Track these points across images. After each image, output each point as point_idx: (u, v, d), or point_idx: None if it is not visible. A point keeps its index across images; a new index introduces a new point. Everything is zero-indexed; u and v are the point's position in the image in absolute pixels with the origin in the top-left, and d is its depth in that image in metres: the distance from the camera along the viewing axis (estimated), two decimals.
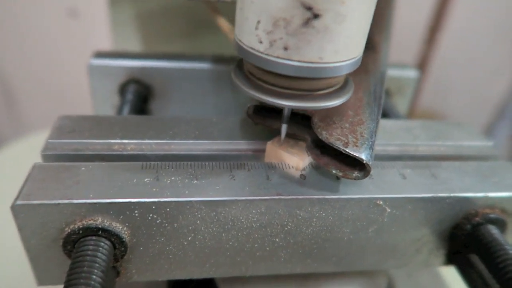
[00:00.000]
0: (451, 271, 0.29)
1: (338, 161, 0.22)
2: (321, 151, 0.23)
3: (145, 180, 0.21)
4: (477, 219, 0.24)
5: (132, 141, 0.24)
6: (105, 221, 0.20)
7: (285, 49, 0.18)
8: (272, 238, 0.23)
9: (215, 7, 0.26)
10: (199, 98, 0.36)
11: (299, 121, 0.24)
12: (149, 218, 0.21)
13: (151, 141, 0.24)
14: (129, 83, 0.34)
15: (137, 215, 0.20)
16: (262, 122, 0.25)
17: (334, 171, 0.22)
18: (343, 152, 0.21)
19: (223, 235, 0.22)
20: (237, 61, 0.23)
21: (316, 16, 0.17)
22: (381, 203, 0.23)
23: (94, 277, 0.18)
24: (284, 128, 0.23)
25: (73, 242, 0.20)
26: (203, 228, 0.21)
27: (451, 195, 0.23)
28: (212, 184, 0.22)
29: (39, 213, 0.19)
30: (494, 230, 0.24)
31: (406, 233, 0.24)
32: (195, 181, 0.22)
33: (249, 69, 0.21)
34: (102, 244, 0.20)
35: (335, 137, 0.21)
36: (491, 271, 0.23)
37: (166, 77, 0.34)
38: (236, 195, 0.21)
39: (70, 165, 0.22)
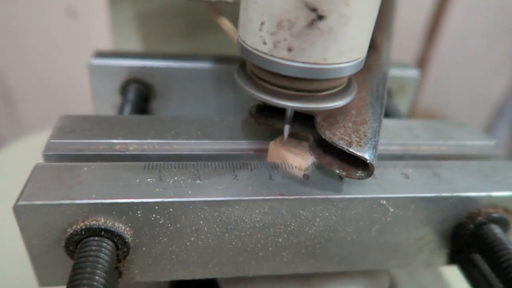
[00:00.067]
0: (453, 271, 0.29)
1: (341, 161, 0.22)
2: (324, 150, 0.23)
3: (148, 180, 0.21)
4: (480, 219, 0.24)
5: (134, 141, 0.24)
6: (108, 222, 0.20)
7: (289, 50, 0.18)
8: (275, 238, 0.23)
9: (216, 7, 0.26)
10: (200, 97, 0.36)
11: (302, 120, 0.24)
12: (152, 218, 0.20)
13: (153, 141, 0.24)
14: (130, 82, 0.34)
15: (140, 215, 0.20)
16: (264, 121, 0.25)
17: (337, 171, 0.22)
18: (347, 151, 0.21)
19: (226, 235, 0.22)
20: (240, 62, 0.23)
21: (320, 17, 0.17)
22: (384, 202, 0.23)
23: (97, 277, 0.18)
24: (286, 128, 0.23)
25: (76, 242, 0.20)
26: (206, 228, 0.21)
27: (454, 194, 0.23)
28: (215, 184, 0.21)
29: (41, 213, 0.19)
30: (497, 229, 0.24)
31: (409, 233, 0.24)
32: (198, 181, 0.21)
33: (252, 69, 0.21)
34: (104, 244, 0.20)
35: (338, 137, 0.21)
36: (494, 271, 0.23)
37: (167, 77, 0.34)
38: (239, 195, 0.21)
39: (72, 165, 0.21)
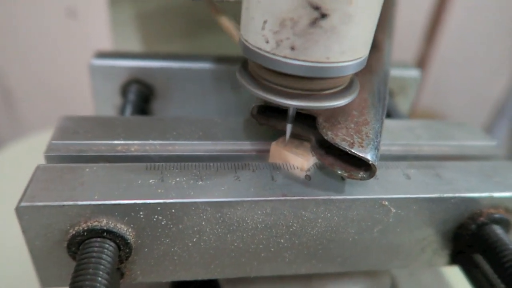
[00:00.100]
0: (454, 271, 0.29)
1: (343, 162, 0.22)
2: (326, 151, 0.23)
3: (150, 181, 0.21)
4: (481, 219, 0.24)
5: (135, 142, 0.24)
6: (110, 223, 0.20)
7: (292, 49, 0.18)
8: (277, 239, 0.23)
9: (217, 7, 0.26)
10: (200, 98, 0.36)
11: (304, 121, 0.24)
12: (154, 219, 0.20)
13: (154, 142, 0.24)
14: (130, 83, 0.34)
15: (142, 216, 0.20)
16: (266, 122, 0.25)
17: (339, 172, 0.22)
18: (349, 152, 0.21)
19: (228, 236, 0.22)
20: (242, 61, 0.23)
21: (323, 16, 0.17)
22: (386, 203, 0.23)
23: (99, 279, 0.18)
24: (289, 127, 0.23)
25: (78, 244, 0.20)
26: (208, 229, 0.21)
27: (456, 195, 0.23)
28: (217, 185, 0.21)
29: (44, 215, 0.19)
30: (498, 230, 0.24)
31: (410, 233, 0.24)
32: (200, 182, 0.21)
33: (254, 68, 0.21)
34: (107, 245, 0.20)
35: (340, 138, 0.21)
36: (496, 271, 0.23)
37: (167, 77, 0.34)
38: (241, 196, 0.21)
39: (74, 166, 0.21)
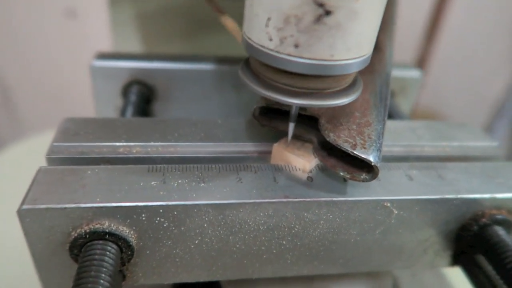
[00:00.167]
0: (455, 272, 0.29)
1: (345, 163, 0.22)
2: (328, 152, 0.23)
3: (152, 183, 0.21)
4: (484, 220, 0.24)
5: (137, 143, 0.24)
6: (112, 225, 0.20)
7: (296, 46, 0.17)
8: (279, 240, 0.23)
9: (219, 5, 0.26)
10: (202, 99, 0.36)
11: (306, 122, 0.24)
12: (156, 221, 0.20)
13: (156, 143, 0.24)
14: (131, 84, 0.34)
15: (144, 218, 0.20)
16: (268, 123, 0.25)
17: (341, 173, 0.22)
18: (351, 154, 0.21)
19: (230, 238, 0.22)
20: (244, 59, 0.23)
21: (328, 12, 0.16)
22: (388, 205, 0.22)
23: (101, 281, 0.18)
24: (291, 127, 0.23)
25: (80, 246, 0.20)
26: (210, 231, 0.21)
27: (458, 196, 0.23)
28: (219, 186, 0.21)
29: (46, 217, 0.19)
30: (501, 231, 0.24)
31: (412, 235, 0.24)
32: (202, 184, 0.21)
33: (256, 66, 0.21)
34: (109, 248, 0.20)
35: (343, 139, 0.21)
36: (499, 272, 0.23)
37: (169, 78, 0.34)
38: (243, 198, 0.21)
39: (76, 168, 0.21)
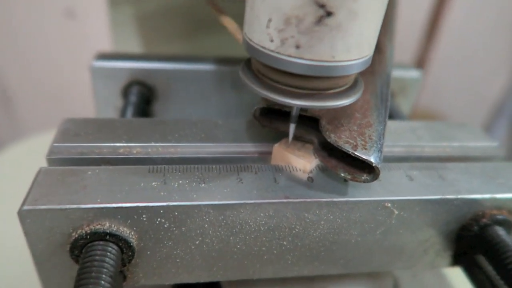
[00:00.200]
0: (456, 272, 0.29)
1: (346, 164, 0.22)
2: (329, 153, 0.23)
3: (153, 184, 0.21)
4: (484, 221, 0.24)
5: (137, 144, 0.24)
6: (113, 226, 0.20)
7: (297, 47, 0.17)
8: (279, 241, 0.23)
9: (219, 6, 0.26)
10: (202, 99, 0.36)
11: (307, 123, 0.24)
12: (157, 222, 0.20)
13: (157, 144, 0.24)
14: (131, 84, 0.34)
15: (145, 219, 0.20)
16: (269, 124, 0.25)
17: (342, 174, 0.22)
18: (352, 155, 0.21)
19: (231, 238, 0.22)
20: (245, 60, 0.23)
21: (329, 13, 0.16)
22: (389, 205, 0.22)
23: (102, 282, 0.18)
24: (292, 128, 0.23)
25: (81, 247, 0.20)
26: (211, 231, 0.21)
27: (459, 196, 0.23)
28: (220, 187, 0.21)
29: (46, 218, 0.19)
30: (501, 231, 0.24)
31: (413, 235, 0.24)
32: (203, 185, 0.21)
33: (257, 67, 0.21)
34: (109, 249, 0.20)
35: (343, 140, 0.21)
36: (499, 272, 0.23)
37: (169, 79, 0.34)
38: (244, 199, 0.21)
39: (76, 169, 0.21)
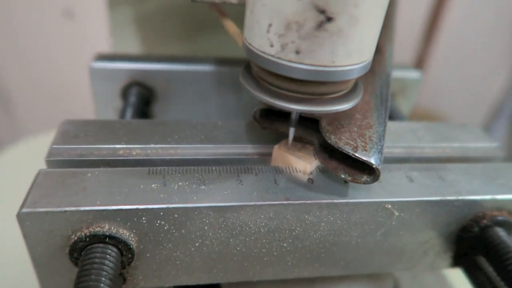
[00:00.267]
0: (456, 273, 0.29)
1: (346, 165, 0.22)
2: (329, 155, 0.23)
3: (152, 186, 0.21)
4: (485, 222, 0.24)
5: (137, 146, 0.24)
6: (112, 228, 0.20)
7: (297, 52, 0.17)
8: (280, 243, 0.22)
9: (221, 9, 0.26)
10: (202, 100, 0.36)
11: (307, 124, 0.24)
12: (157, 224, 0.20)
13: (156, 145, 0.24)
14: (131, 85, 0.34)
15: (144, 221, 0.20)
16: (269, 126, 0.25)
17: (342, 175, 0.22)
18: (353, 156, 0.21)
19: (231, 240, 0.22)
20: (243, 63, 0.23)
21: (329, 19, 0.16)
22: (389, 206, 0.22)
23: (102, 285, 0.18)
24: (291, 131, 0.23)
25: (80, 249, 0.20)
26: (211, 233, 0.21)
27: (459, 198, 0.23)
28: (220, 189, 0.21)
29: (46, 221, 0.19)
30: (501, 232, 0.24)
31: (413, 236, 0.24)
32: (203, 187, 0.21)
33: (257, 72, 0.21)
34: (109, 251, 0.19)
35: (344, 141, 0.21)
36: (500, 273, 0.23)
37: (168, 80, 0.34)
38: (244, 200, 0.21)
39: (75, 171, 0.21)
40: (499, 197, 0.24)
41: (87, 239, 0.19)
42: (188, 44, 0.54)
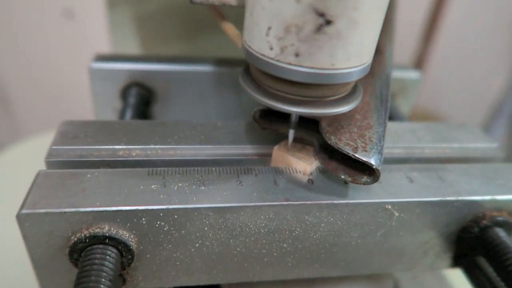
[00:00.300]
0: (456, 273, 0.29)
1: (346, 166, 0.22)
2: (329, 155, 0.23)
3: (152, 186, 0.21)
4: (484, 222, 0.24)
5: (137, 146, 0.24)
6: (112, 229, 0.20)
7: (297, 55, 0.17)
8: (280, 243, 0.22)
9: (220, 11, 0.26)
10: (201, 100, 0.36)
11: (307, 125, 0.24)
12: (157, 225, 0.20)
13: (156, 146, 0.24)
14: (131, 86, 0.34)
15: (144, 222, 0.20)
16: (268, 126, 0.25)
17: (342, 176, 0.22)
18: (353, 157, 0.21)
19: (231, 241, 0.22)
20: (243, 64, 0.23)
21: (328, 22, 0.16)
22: (389, 207, 0.22)
23: (101, 286, 0.18)
24: (291, 133, 0.23)
25: (80, 250, 0.20)
26: (211, 234, 0.21)
27: (459, 198, 0.23)
28: (219, 190, 0.21)
29: (45, 222, 0.19)
30: (501, 232, 0.24)
31: (413, 237, 0.24)
32: (203, 187, 0.21)
33: (257, 74, 0.21)
34: (109, 252, 0.19)
35: (344, 142, 0.21)
36: (499, 274, 0.23)
37: (168, 80, 0.34)
38: (244, 201, 0.21)
39: (75, 172, 0.21)
40: (499, 197, 0.24)
41: (87, 240, 0.19)
42: (188, 44, 0.54)
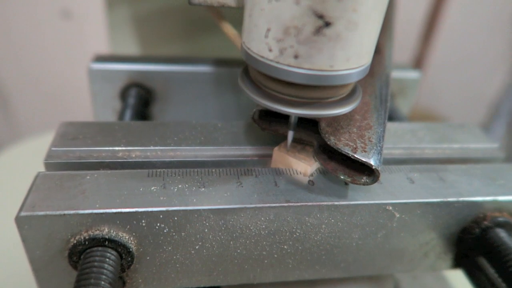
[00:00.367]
0: (457, 274, 0.29)
1: (346, 166, 0.22)
2: (329, 156, 0.23)
3: (152, 188, 0.21)
4: (485, 223, 0.24)
5: (136, 148, 0.24)
6: (112, 231, 0.20)
7: (296, 57, 0.17)
8: (280, 245, 0.22)
9: (219, 12, 0.26)
10: (200, 101, 0.36)
11: (306, 126, 0.24)
12: (157, 227, 0.20)
13: (156, 147, 0.24)
14: (130, 87, 0.33)
15: (144, 224, 0.20)
16: (268, 127, 0.24)
17: (342, 177, 0.22)
18: (352, 158, 0.21)
19: (231, 243, 0.22)
20: (242, 64, 0.23)
21: (327, 24, 0.16)
22: (390, 208, 0.22)
23: None
24: (290, 135, 0.23)
25: (79, 253, 0.20)
26: (211, 236, 0.21)
27: (460, 199, 0.23)
28: (220, 191, 0.21)
29: (44, 224, 0.19)
30: (502, 233, 0.24)
31: (414, 238, 0.24)
32: (203, 189, 0.21)
33: (256, 76, 0.21)
34: (108, 254, 0.19)
35: (343, 143, 0.21)
36: (500, 274, 0.23)
37: (167, 81, 0.34)
38: (244, 203, 0.21)
39: (74, 173, 0.21)
40: (500, 198, 0.24)
41: (86, 243, 0.19)
42: (186, 44, 0.54)
